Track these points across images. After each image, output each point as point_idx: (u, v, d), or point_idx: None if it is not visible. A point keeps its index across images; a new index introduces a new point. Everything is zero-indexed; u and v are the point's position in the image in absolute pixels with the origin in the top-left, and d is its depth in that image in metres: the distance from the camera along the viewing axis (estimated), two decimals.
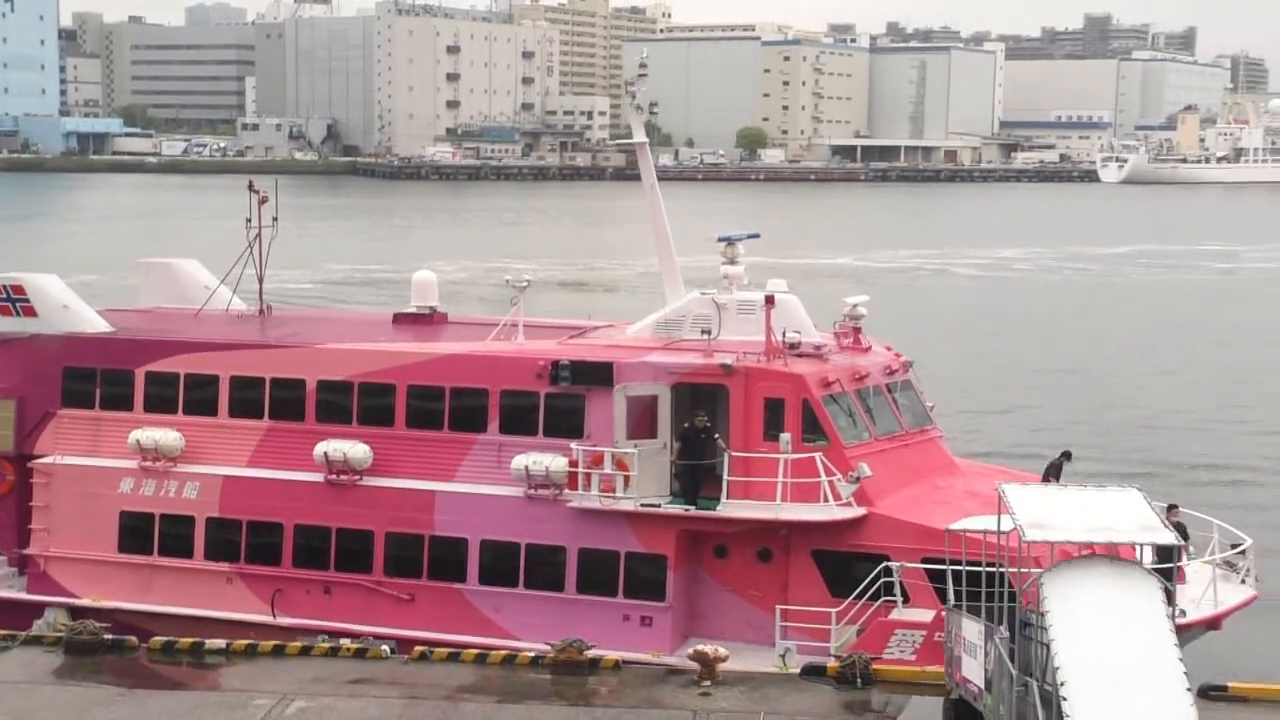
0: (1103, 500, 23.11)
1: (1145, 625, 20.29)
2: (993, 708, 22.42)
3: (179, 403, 32.29)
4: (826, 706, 25.43)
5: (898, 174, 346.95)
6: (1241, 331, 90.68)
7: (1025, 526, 21.86)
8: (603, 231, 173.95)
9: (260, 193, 35.92)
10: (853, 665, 26.35)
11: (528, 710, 25.23)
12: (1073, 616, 20.33)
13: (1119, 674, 19.31)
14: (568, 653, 27.09)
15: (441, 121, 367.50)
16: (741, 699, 25.59)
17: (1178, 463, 53.43)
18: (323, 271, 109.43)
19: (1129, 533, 22.10)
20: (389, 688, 26.27)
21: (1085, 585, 20.80)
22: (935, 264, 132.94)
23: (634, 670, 27.17)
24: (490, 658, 27.78)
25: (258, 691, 25.93)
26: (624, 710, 25.15)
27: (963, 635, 24.16)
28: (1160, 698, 19.16)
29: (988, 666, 22.79)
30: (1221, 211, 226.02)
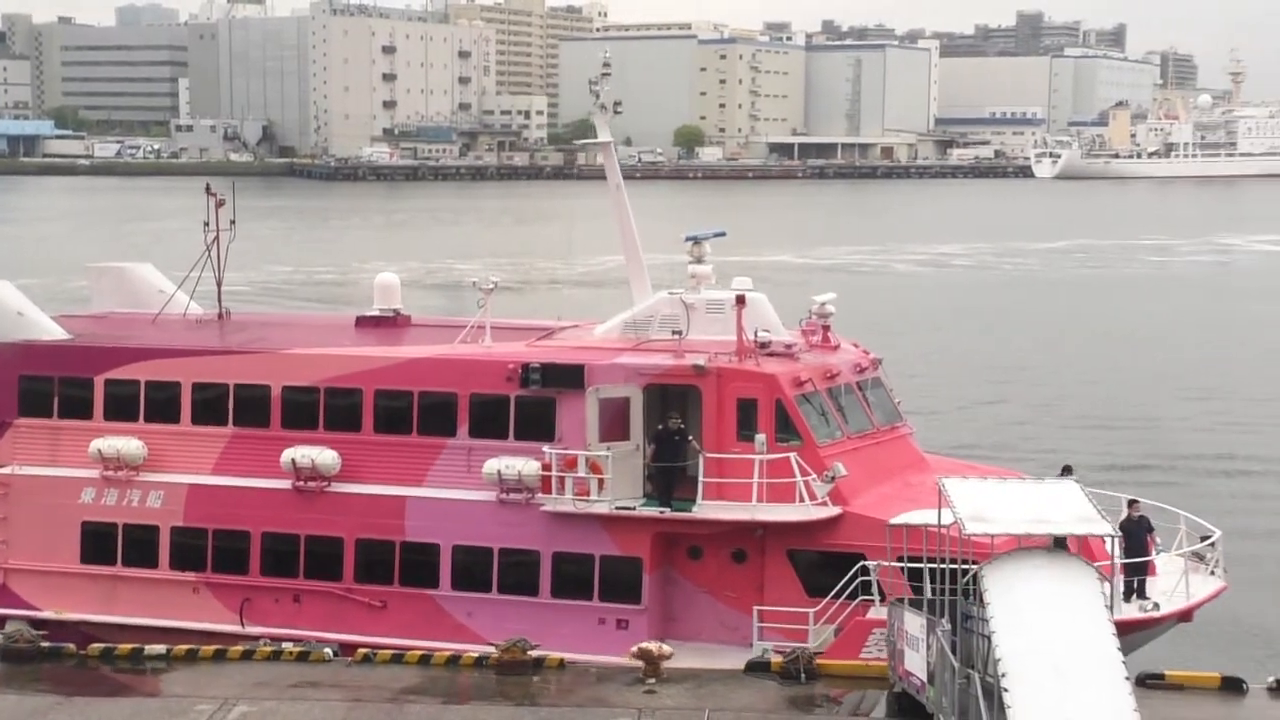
0: (1041, 492, 23.35)
1: (1084, 615, 20.52)
2: (935, 700, 22.60)
3: (140, 410, 31.85)
4: (771, 702, 25.55)
5: (835, 171, 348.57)
6: (1186, 324, 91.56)
7: (965, 519, 22.05)
8: (542, 230, 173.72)
9: (217, 195, 35.57)
10: (796, 660, 26.50)
11: (472, 711, 25.19)
12: (1013, 608, 20.52)
13: (1058, 663, 19.52)
14: (512, 652, 27.06)
15: (378, 122, 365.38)
16: (686, 696, 25.67)
17: (1139, 455, 53.81)
18: (264, 273, 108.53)
19: (1066, 524, 22.33)
20: (332, 690, 26.15)
21: (1025, 577, 21.00)
22: (876, 260, 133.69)
23: (579, 669, 27.19)
24: (434, 659, 27.71)
25: (199, 697, 25.74)
26: (569, 709, 25.17)
27: (905, 629, 24.34)
28: (1099, 686, 19.39)
29: (930, 659, 22.97)
30: (1153, 206, 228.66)
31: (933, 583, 23.69)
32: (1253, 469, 52.61)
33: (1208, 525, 30.19)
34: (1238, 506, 44.90)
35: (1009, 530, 22.12)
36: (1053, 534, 22.30)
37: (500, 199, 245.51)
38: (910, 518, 26.37)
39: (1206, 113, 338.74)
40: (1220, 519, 32.10)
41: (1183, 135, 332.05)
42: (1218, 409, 63.61)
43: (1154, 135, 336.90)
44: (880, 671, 25.74)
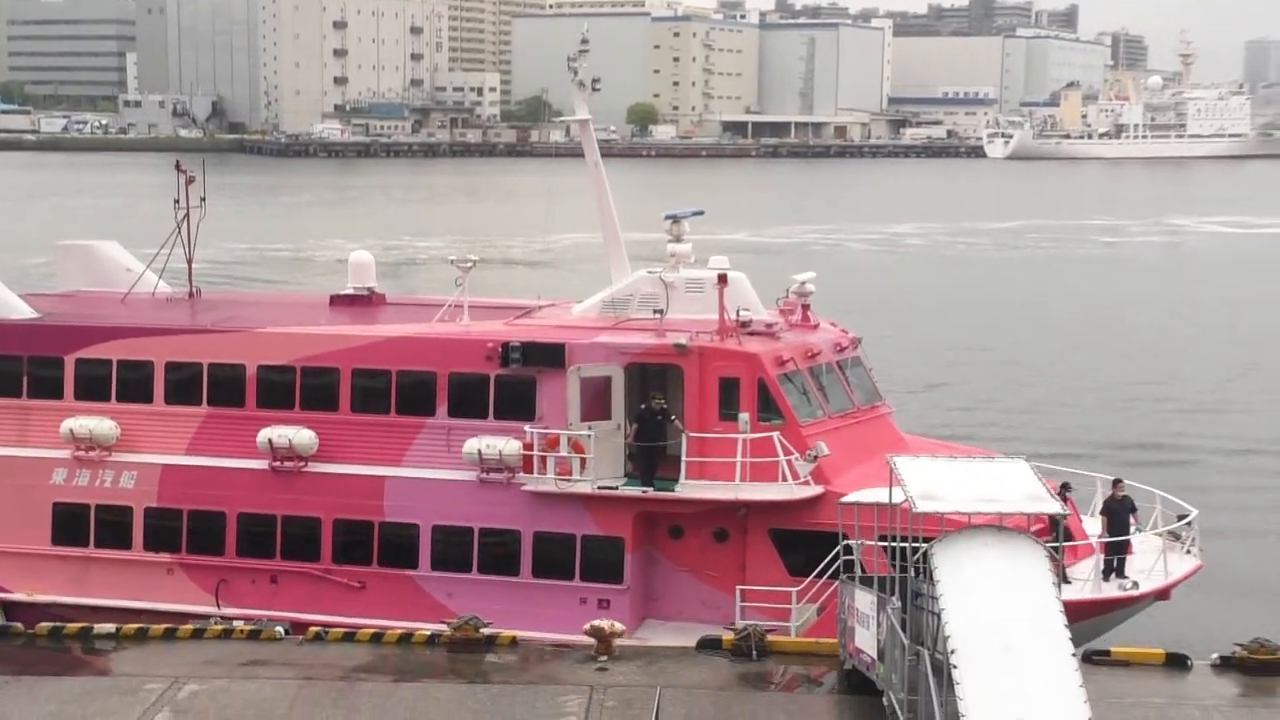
0: (991, 471, 23.51)
1: (1032, 593, 20.70)
2: (885, 677, 22.76)
3: (112, 390, 31.55)
4: (723, 679, 25.65)
5: (788, 150, 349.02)
6: (1144, 305, 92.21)
7: (916, 498, 22.19)
8: (497, 208, 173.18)
9: (187, 173, 35.24)
10: (748, 638, 26.61)
11: (424, 688, 25.16)
12: (962, 585, 20.68)
13: (1007, 641, 19.69)
14: (464, 630, 27.05)
15: (329, 98, 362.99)
16: (638, 673, 25.73)
17: (1105, 435, 54.10)
18: (219, 251, 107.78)
19: (1016, 503, 22.50)
20: (284, 669, 26.04)
21: (974, 555, 21.16)
22: (830, 239, 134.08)
23: (531, 646, 27.20)
24: (386, 637, 27.65)
25: (149, 676, 25.57)
26: (521, 686, 25.19)
27: (856, 607, 24.49)
28: (1046, 663, 19.57)
29: (880, 637, 23.13)
30: (1104, 187, 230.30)
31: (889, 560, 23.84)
32: (1219, 449, 53.08)
33: (1184, 504, 30.54)
34: (1207, 485, 45.30)
35: (958, 509, 22.27)
36: (1003, 512, 22.49)
37: (453, 176, 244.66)
38: (861, 496, 26.55)
39: (1157, 94, 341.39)
40: (1187, 498, 32.37)
41: (1133, 116, 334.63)
42: (1182, 391, 64.04)
43: (1105, 116, 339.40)
44: (831, 649, 25.91)
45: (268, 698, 24.60)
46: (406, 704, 24.38)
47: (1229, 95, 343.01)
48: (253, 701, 24.42)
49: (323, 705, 24.30)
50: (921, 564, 21.95)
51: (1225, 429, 56.53)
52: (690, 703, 24.37)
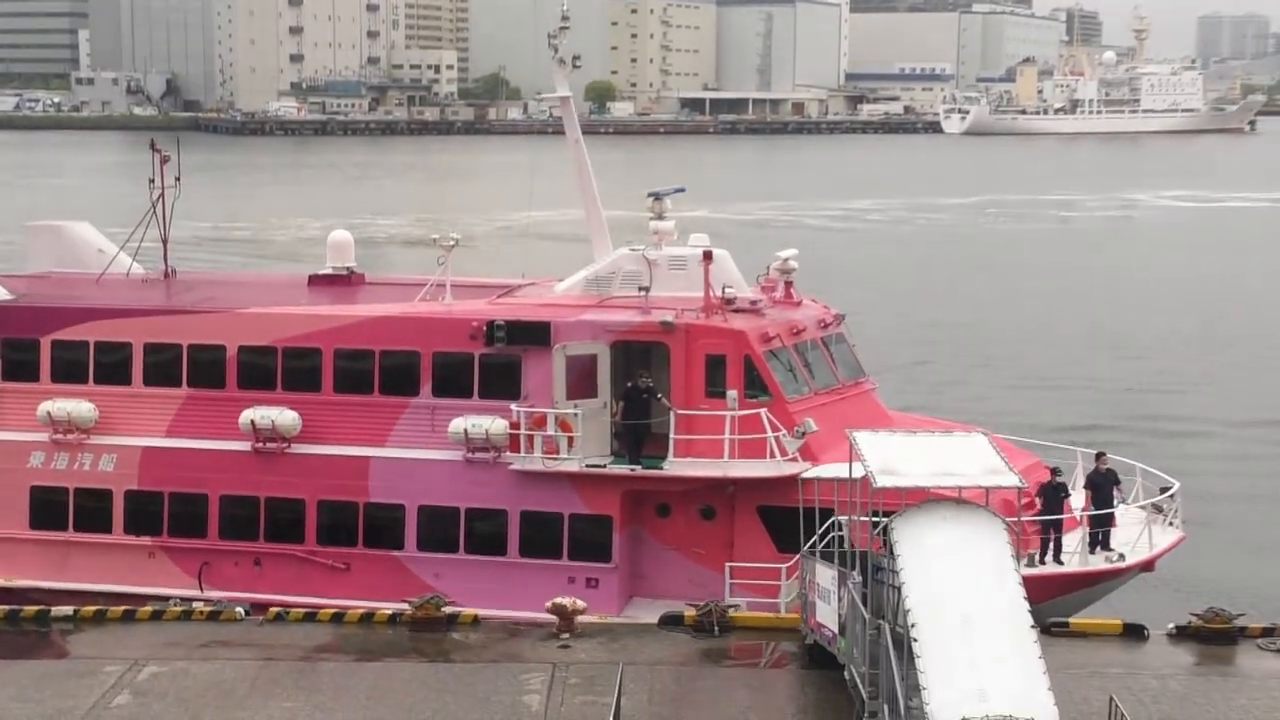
0: (950, 445, 23.64)
1: (991, 565, 20.84)
2: (846, 651, 22.89)
3: (89, 372, 31.26)
4: (684, 655, 25.75)
5: (746, 126, 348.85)
6: (1105, 278, 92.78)
7: (876, 473, 22.28)
8: (457, 186, 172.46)
9: (162, 152, 34.91)
10: (710, 614, 26.70)
11: (385, 668, 25.15)
12: (922, 559, 20.80)
13: (966, 613, 19.83)
14: (425, 609, 27.03)
15: (285, 76, 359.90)
16: (600, 650, 25.79)
17: (1079, 409, 54.45)
18: (180, 230, 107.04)
19: (975, 476, 22.65)
20: (244, 650, 25.98)
21: (933, 528, 21.28)
22: (789, 215, 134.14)
23: (493, 625, 27.22)
24: (347, 617, 27.60)
25: (108, 658, 25.47)
26: (483, 665, 25.21)
27: (817, 581, 24.60)
28: (1006, 635, 19.72)
29: (841, 611, 23.25)
30: (1060, 161, 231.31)
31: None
32: (1191, 420, 53.67)
33: (1166, 477, 30.79)
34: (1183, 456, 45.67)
35: (918, 483, 22.39)
36: (962, 486, 22.63)
37: (411, 154, 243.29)
38: (822, 472, 26.65)
39: (1111, 69, 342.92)
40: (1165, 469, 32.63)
41: (1088, 92, 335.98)
42: (1152, 365, 64.49)
43: (1060, 91, 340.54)
44: (793, 624, 26.04)
45: (228, 678, 24.54)
46: (368, 683, 24.37)
47: (1182, 70, 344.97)
48: (213, 682, 24.36)
49: (284, 685, 24.26)
50: (882, 538, 22.08)
51: (1198, 402, 57.03)
52: (653, 679, 24.46)
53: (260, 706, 23.42)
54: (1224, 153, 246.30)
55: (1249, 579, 35.89)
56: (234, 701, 23.61)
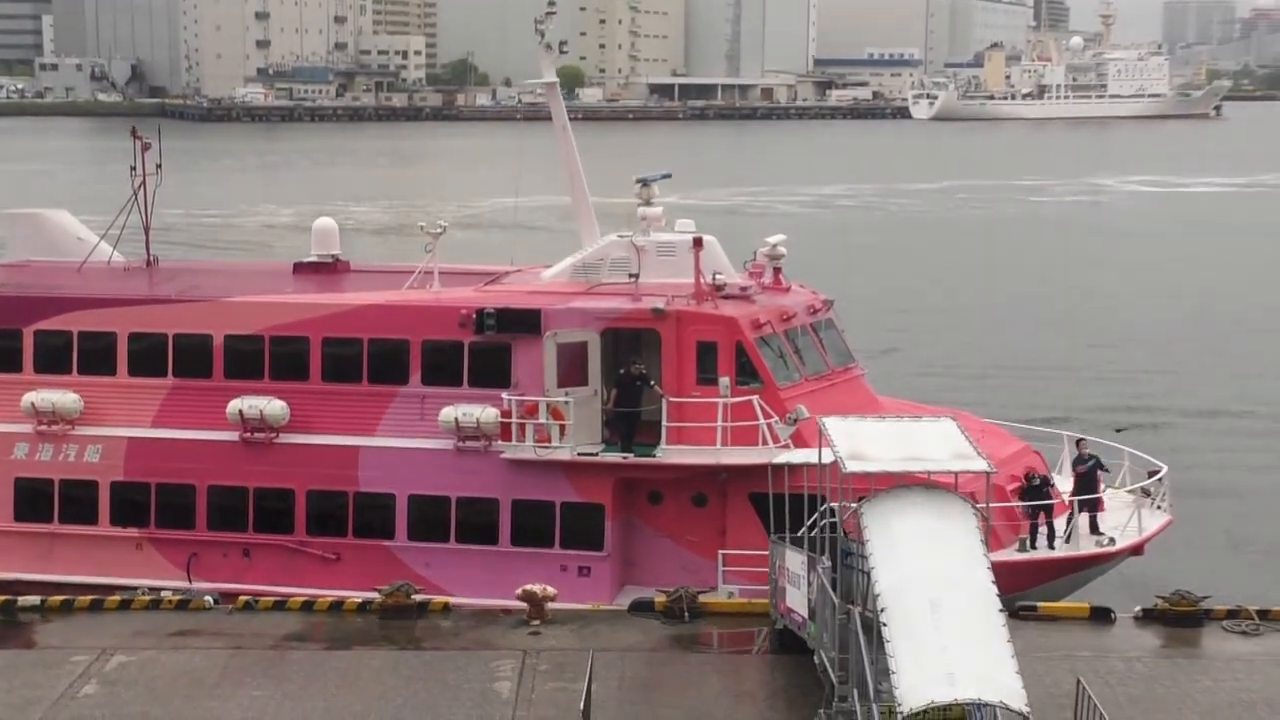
0: (919, 430, 23.72)
1: (959, 549, 20.93)
2: (816, 635, 22.97)
3: (73, 362, 30.99)
4: (655, 640, 25.80)
5: (715, 112, 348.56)
6: (1075, 263, 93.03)
7: (845, 458, 22.34)
8: (426, 172, 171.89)
9: (143, 139, 34.64)
10: (680, 600, 26.75)
11: (356, 656, 25.11)
12: (891, 544, 20.87)
13: (935, 597, 19.91)
14: (395, 597, 26.98)
15: (252, 62, 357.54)
16: (571, 637, 25.81)
17: (1054, 394, 54.58)
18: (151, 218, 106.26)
19: (944, 461, 22.73)
20: (213, 639, 25.90)
21: (902, 513, 21.35)
22: (760, 201, 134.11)
23: (463, 612, 27.20)
24: (317, 605, 27.53)
25: (76, 648, 25.34)
26: (454, 652, 25.20)
27: (787, 567, 24.66)
28: (974, 618, 19.82)
29: (811, 596, 23.32)
30: (1028, 147, 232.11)
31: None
32: (1172, 406, 53.87)
33: (1154, 461, 30.96)
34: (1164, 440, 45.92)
35: (887, 469, 22.45)
36: (931, 471, 22.71)
37: (380, 140, 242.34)
38: (792, 457, 26.70)
39: (1078, 55, 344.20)
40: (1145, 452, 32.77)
41: (1055, 77, 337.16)
42: (1128, 350, 64.62)
43: (1028, 77, 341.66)
44: (763, 609, 26.09)
45: (197, 667, 24.46)
46: (338, 672, 24.33)
47: (1148, 56, 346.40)
48: (182, 672, 24.28)
49: (253, 674, 24.20)
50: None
51: (1174, 386, 57.32)
52: (623, 665, 24.49)
53: (230, 695, 23.36)
54: (1190, 138, 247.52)
55: (1222, 563, 36.10)
56: (203, 690, 23.55)
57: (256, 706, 22.94)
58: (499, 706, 22.96)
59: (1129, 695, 23.28)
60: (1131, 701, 23.04)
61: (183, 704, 23.04)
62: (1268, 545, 38.31)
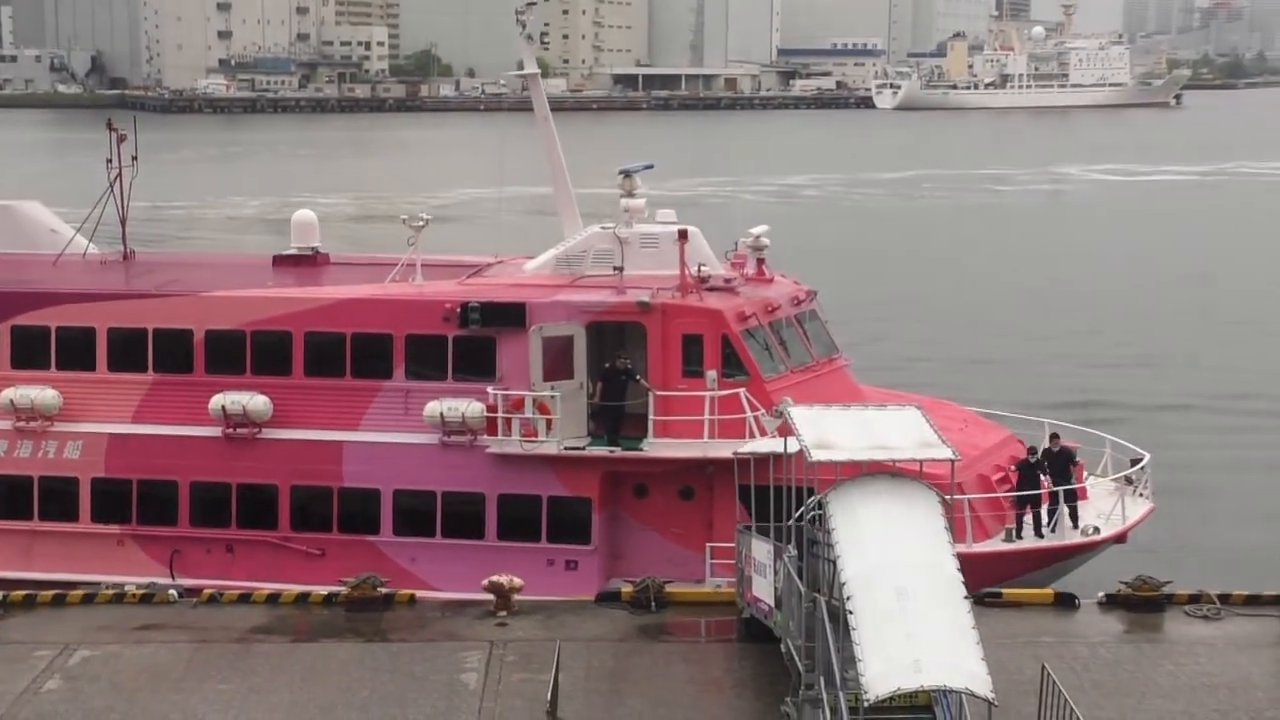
0: (884, 419, 23.78)
1: (924, 537, 21.00)
2: (782, 624, 23.02)
3: (51, 358, 30.70)
4: (622, 631, 25.81)
5: (679, 102, 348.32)
6: (1047, 252, 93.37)
7: (811, 447, 22.38)
8: (390, 163, 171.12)
9: (119, 130, 34.39)
10: (646, 590, 26.77)
11: (322, 649, 25.02)
12: (856, 532, 20.92)
13: (900, 585, 19.97)
14: (362, 589, 26.90)
15: (213, 53, 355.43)
16: (538, 628, 25.79)
17: (1023, 383, 54.54)
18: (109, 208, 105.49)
19: (908, 450, 22.79)
20: (178, 632, 25.76)
21: (868, 501, 21.41)
22: (726, 191, 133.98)
23: (430, 604, 27.14)
24: (283, 598, 27.42)
25: (39, 643, 25.16)
26: (421, 644, 25.15)
27: (753, 556, 24.70)
28: (940, 605, 19.88)
29: (777, 585, 23.36)
30: (992, 136, 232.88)
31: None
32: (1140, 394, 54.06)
33: (1136, 449, 31.13)
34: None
35: (852, 457, 22.50)
36: (896, 459, 22.76)
37: (343, 131, 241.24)
38: (757, 447, 26.72)
39: (1040, 44, 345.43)
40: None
41: (1017, 66, 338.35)
42: (1100, 338, 64.85)
43: (990, 66, 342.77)
44: (729, 598, 26.14)
45: (162, 662, 24.33)
46: (304, 664, 24.24)
47: (1109, 45, 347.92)
48: (146, 666, 24.15)
49: (218, 668, 24.09)
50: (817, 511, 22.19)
51: (1149, 373, 57.60)
52: (590, 656, 24.49)
53: (194, 689, 23.24)
54: (1151, 127, 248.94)
55: (1197, 550, 36.27)
56: (168, 684, 23.42)
57: (222, 700, 22.84)
58: (466, 698, 22.93)
59: (1093, 680, 23.44)
60: (1095, 686, 23.21)
61: (147, 698, 22.92)
62: (1240, 533, 38.56)
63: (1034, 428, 32.39)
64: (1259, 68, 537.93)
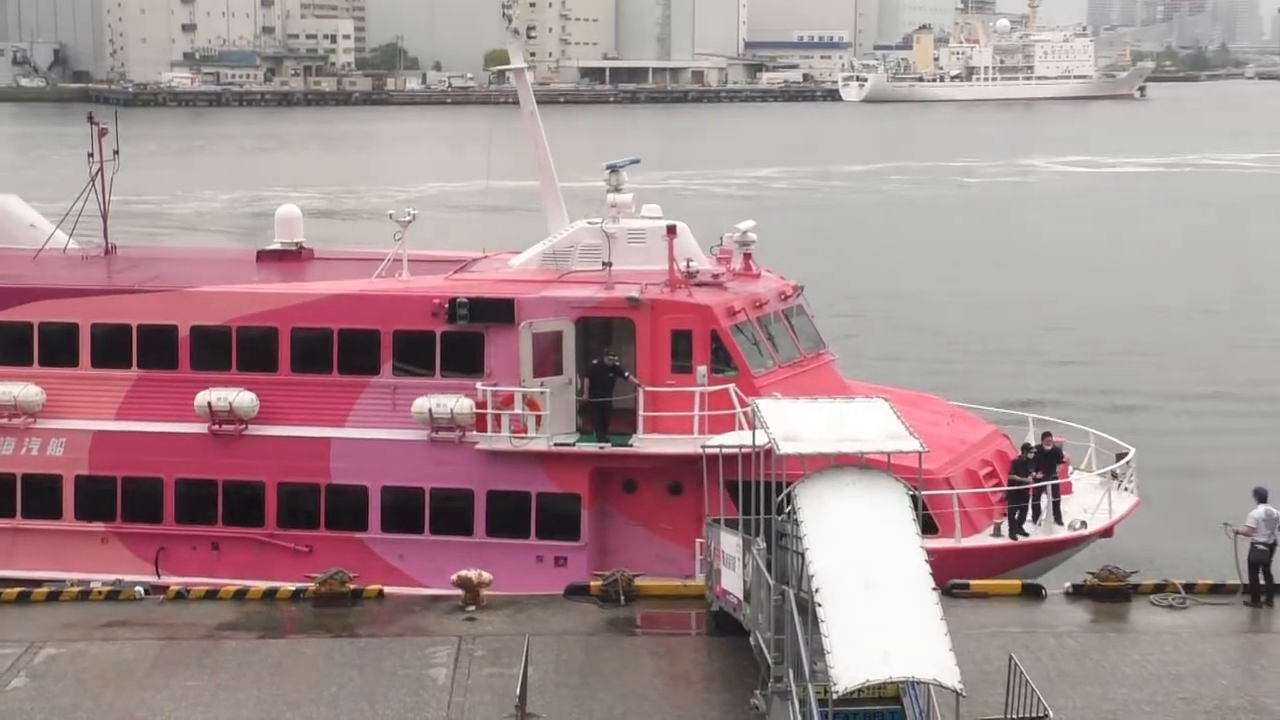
0: (852, 411, 23.82)
1: (892, 529, 21.06)
2: (751, 617, 23.05)
3: (34, 354, 30.46)
4: (591, 625, 25.80)
5: (646, 95, 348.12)
6: (1017, 245, 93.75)
7: (779, 440, 22.40)
8: (357, 157, 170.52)
9: (100, 124, 34.16)
10: (615, 584, 26.77)
11: (290, 644, 24.94)
12: (825, 524, 20.97)
13: (868, 577, 20.03)
14: (329, 585, 26.82)
15: (178, 46, 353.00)
16: (506, 622, 25.77)
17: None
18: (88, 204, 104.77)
19: (877, 442, 22.84)
20: (144, 629, 25.63)
21: (836, 494, 21.45)
22: (695, 185, 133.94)
23: (398, 599, 27.08)
24: (250, 593, 27.31)
25: (3, 641, 24.99)
26: (389, 639, 25.09)
27: (721, 549, 24.73)
28: (907, 597, 19.96)
29: (746, 578, 23.40)
30: (958, 128, 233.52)
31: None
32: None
33: (1121, 443, 31.28)
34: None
35: (820, 450, 22.54)
36: (864, 452, 22.82)
37: (310, 125, 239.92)
38: (725, 440, 26.75)
39: (1005, 37, 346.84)
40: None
41: (983, 59, 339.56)
42: (1075, 333, 65.02)
43: (956, 59, 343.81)
44: (698, 592, 26.16)
45: (128, 659, 24.20)
46: (272, 661, 24.15)
47: (1074, 38, 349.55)
48: (112, 664, 24.02)
49: (185, 665, 23.98)
50: (786, 504, 22.22)
51: (1135, 366, 57.84)
52: (559, 650, 24.49)
53: (161, 686, 23.12)
54: (1116, 118, 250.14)
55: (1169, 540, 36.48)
56: (134, 682, 23.29)
57: (189, 697, 22.72)
58: (435, 693, 22.89)
59: (1059, 670, 23.58)
60: (1062, 676, 23.34)
61: (113, 696, 22.78)
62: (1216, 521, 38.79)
63: (1018, 424, 32.56)
64: (1221, 60, 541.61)
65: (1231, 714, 22.15)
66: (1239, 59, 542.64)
